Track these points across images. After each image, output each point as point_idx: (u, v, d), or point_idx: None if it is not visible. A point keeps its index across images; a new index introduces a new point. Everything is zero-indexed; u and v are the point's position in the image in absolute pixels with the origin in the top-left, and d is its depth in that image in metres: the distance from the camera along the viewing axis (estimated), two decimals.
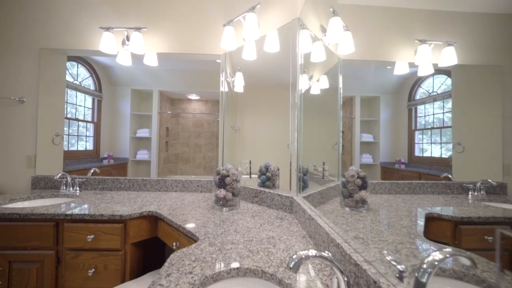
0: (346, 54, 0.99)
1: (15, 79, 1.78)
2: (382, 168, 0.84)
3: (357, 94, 0.99)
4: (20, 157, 1.76)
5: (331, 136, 1.18)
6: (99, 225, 1.20)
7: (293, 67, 1.29)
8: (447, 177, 0.59)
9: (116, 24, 1.77)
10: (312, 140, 1.30)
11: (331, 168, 1.22)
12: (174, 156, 1.98)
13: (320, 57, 1.25)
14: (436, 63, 0.58)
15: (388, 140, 0.80)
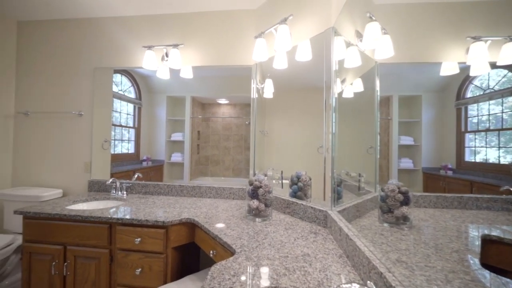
0: (384, 58, 0.94)
1: (75, 96, 2.05)
2: (424, 174, 0.77)
3: (395, 94, 0.92)
4: (79, 163, 2.03)
5: (365, 139, 1.13)
6: (145, 229, 1.32)
7: (327, 73, 1.26)
8: (508, 190, 0.52)
9: (156, 42, 1.93)
10: (345, 144, 1.25)
11: (365, 174, 1.17)
12: (204, 158, 2.06)
13: (355, 63, 1.21)
14: (493, 61, 0.52)
15: (431, 143, 0.73)
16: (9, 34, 2.09)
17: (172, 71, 1.95)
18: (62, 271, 1.40)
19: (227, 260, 0.88)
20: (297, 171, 1.48)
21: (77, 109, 2.04)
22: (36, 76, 2.11)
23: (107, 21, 2.03)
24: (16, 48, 2.14)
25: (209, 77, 1.97)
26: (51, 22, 2.10)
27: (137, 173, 2.13)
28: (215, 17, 1.89)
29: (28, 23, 2.14)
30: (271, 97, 1.75)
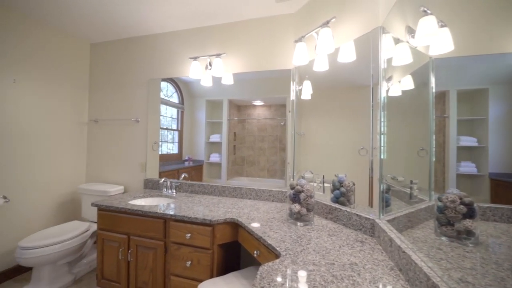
0: (441, 53, 0.87)
1: (133, 104, 2.35)
2: (492, 181, 0.68)
3: (452, 88, 0.83)
4: (136, 163, 2.31)
5: (415, 140, 1.04)
6: (194, 226, 1.45)
7: (375, 71, 1.20)
8: None
9: (201, 53, 2.08)
10: (390, 145, 1.17)
11: (417, 180, 1.08)
12: (240, 159, 2.13)
13: (405, 60, 1.13)
14: None
15: (501, 144, 0.64)
16: (84, 55, 2.50)
17: (213, 78, 2.08)
18: (126, 257, 1.62)
19: (273, 262, 0.92)
20: (339, 176, 1.45)
21: (134, 116, 2.33)
22: (103, 89, 2.47)
23: (160, 37, 2.27)
24: (89, 67, 2.54)
25: (246, 80, 2.04)
26: (115, 42, 2.45)
27: (183, 173, 2.32)
28: (255, 24, 1.96)
29: (97, 44, 2.53)
30: (308, 98, 1.74)
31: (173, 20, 2.03)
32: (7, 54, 1.88)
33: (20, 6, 1.87)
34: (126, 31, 2.26)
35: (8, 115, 1.89)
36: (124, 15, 1.98)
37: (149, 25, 2.14)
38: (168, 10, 1.88)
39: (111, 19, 2.04)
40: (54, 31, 2.20)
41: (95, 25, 2.15)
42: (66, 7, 1.88)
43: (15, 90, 1.93)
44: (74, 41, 2.39)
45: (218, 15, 1.94)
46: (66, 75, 2.31)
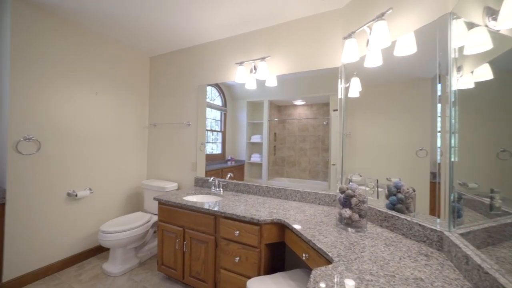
0: None
1: (184, 109, 2.58)
2: None
3: None
4: (188, 163, 2.53)
5: (494, 139, 0.87)
6: (242, 224, 1.52)
7: (442, 62, 1.06)
8: None
9: (246, 58, 2.16)
10: (461, 146, 1.01)
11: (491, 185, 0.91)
12: (281, 159, 2.12)
13: (482, 47, 0.97)
14: None
15: None
16: (145, 68, 2.86)
17: (257, 80, 2.13)
18: (182, 247, 1.80)
19: (326, 267, 0.90)
20: (395, 181, 1.33)
21: (186, 120, 2.56)
22: (161, 97, 2.79)
23: (207, 46, 2.44)
24: (149, 78, 2.90)
25: (287, 80, 2.03)
26: (169, 54, 2.73)
27: (226, 172, 2.44)
28: (299, 24, 1.94)
29: (155, 57, 2.86)
30: (356, 96, 1.64)
31: (219, 29, 2.17)
32: (91, 71, 2.28)
33: (99, 30, 2.25)
34: (179, 43, 2.50)
35: (91, 122, 2.30)
36: (176, 31, 2.19)
37: (198, 36, 2.32)
38: (215, 20, 2.01)
39: (166, 35, 2.29)
40: (123, 49, 2.58)
41: (154, 41, 2.45)
42: (132, 28, 2.18)
43: (96, 100, 2.34)
44: (138, 56, 2.75)
45: (262, 20, 1.99)
46: (131, 86, 2.68)
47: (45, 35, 1.95)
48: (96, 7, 1.86)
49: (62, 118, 2.07)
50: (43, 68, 1.94)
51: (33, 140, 1.89)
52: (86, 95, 2.24)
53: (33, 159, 1.89)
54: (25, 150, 1.85)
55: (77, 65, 2.17)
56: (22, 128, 1.83)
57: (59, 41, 2.04)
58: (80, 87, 2.20)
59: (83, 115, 2.22)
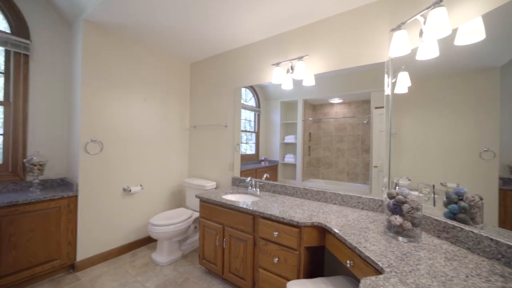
0: None
1: (222, 111, 2.69)
2: None
3: None
4: (225, 163, 2.63)
5: None
6: (281, 225, 1.52)
7: None
8: None
9: (283, 58, 2.15)
10: None
11: None
12: (316, 160, 2.04)
13: None
14: None
15: None
16: (186, 73, 3.06)
17: (293, 80, 2.10)
18: (222, 244, 1.87)
19: (377, 278, 0.84)
20: (457, 187, 1.17)
21: (224, 121, 2.67)
22: (200, 100, 2.95)
23: (244, 49, 2.50)
24: (190, 83, 3.10)
25: (322, 78, 1.95)
26: (208, 59, 2.88)
27: (260, 172, 2.47)
28: (340, 19, 1.85)
29: (195, 63, 3.04)
30: (404, 92, 1.49)
31: (256, 32, 2.20)
32: (141, 79, 2.54)
33: (147, 43, 2.49)
34: (217, 49, 2.62)
35: (141, 125, 2.55)
36: (215, 37, 2.30)
37: (235, 40, 2.40)
38: (253, 23, 2.04)
39: (206, 42, 2.41)
40: (167, 57, 2.81)
41: (194, 48, 2.61)
42: (175, 38, 2.36)
43: (145, 106, 2.59)
44: (180, 63, 2.97)
45: (300, 19, 1.95)
46: (174, 91, 2.90)
47: (106, 50, 2.24)
48: (147, 23, 2.07)
49: (119, 122, 2.35)
50: (104, 79, 2.23)
51: (97, 141, 2.18)
52: (137, 102, 2.51)
53: (97, 158, 2.19)
54: (92, 150, 2.15)
55: (130, 75, 2.44)
56: (89, 131, 2.14)
57: (117, 55, 2.32)
58: (133, 95, 2.46)
59: (135, 119, 2.49)
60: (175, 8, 1.86)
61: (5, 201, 1.69)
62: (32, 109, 2.12)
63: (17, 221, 1.75)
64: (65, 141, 2.32)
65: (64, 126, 2.32)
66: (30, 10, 2.10)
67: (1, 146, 2.02)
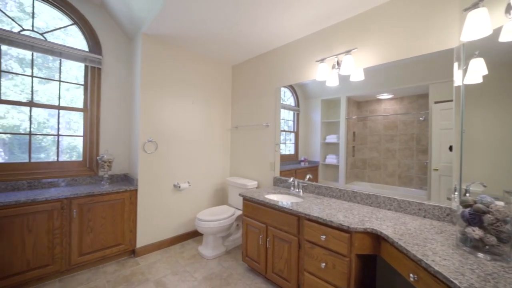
0: None
1: (263, 111, 2.71)
2: None
3: None
4: (266, 163, 2.64)
5: None
6: (329, 229, 1.44)
7: None
8: None
9: (328, 54, 2.05)
10: None
11: None
12: (361, 162, 1.89)
13: None
14: None
15: None
16: (228, 76, 3.18)
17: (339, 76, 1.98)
18: (265, 243, 1.88)
19: None
20: None
21: (264, 121, 2.68)
22: (241, 101, 3.03)
23: (285, 47, 2.47)
24: (231, 85, 3.22)
25: (369, 72, 1.80)
26: (249, 61, 2.93)
27: (301, 173, 2.39)
28: (396, 5, 1.67)
29: (236, 65, 3.14)
30: (477, 82, 1.26)
31: (299, 28, 2.14)
32: (189, 83, 2.73)
33: (194, 49, 2.67)
34: (258, 50, 2.65)
35: (188, 126, 2.75)
36: (257, 38, 2.32)
37: (277, 39, 2.39)
38: (296, 19, 2.00)
39: (247, 44, 2.46)
40: (211, 61, 2.96)
41: (236, 51, 2.69)
42: (219, 43, 2.47)
43: (192, 108, 2.78)
44: (222, 66, 3.10)
45: (347, 10, 1.83)
46: (217, 93, 3.04)
47: (160, 59, 2.48)
48: (196, 32, 2.21)
49: (170, 124, 2.58)
50: (158, 86, 2.47)
51: (153, 142, 2.43)
52: (185, 105, 2.70)
53: (153, 157, 2.44)
54: (148, 150, 2.40)
55: (179, 80, 2.64)
56: (147, 132, 2.39)
57: (168, 62, 2.55)
58: (181, 98, 2.67)
59: (183, 121, 2.69)
60: (225, 16, 1.95)
61: (85, 192, 2.01)
62: (103, 114, 2.48)
63: (93, 208, 2.06)
64: (127, 141, 2.65)
65: (126, 128, 2.65)
66: (101, 29, 2.47)
67: (81, 146, 2.41)
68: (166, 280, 1.96)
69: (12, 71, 2.05)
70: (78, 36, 2.38)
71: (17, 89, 2.07)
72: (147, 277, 2.01)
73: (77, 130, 2.39)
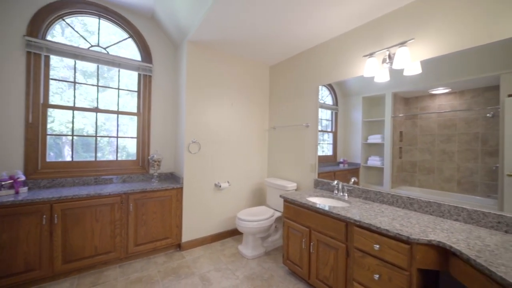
0: None
1: (303, 111, 2.64)
2: None
3: None
4: (306, 164, 2.57)
5: None
6: (384, 238, 1.32)
7: None
8: None
9: (378, 47, 1.90)
10: None
11: None
12: (409, 164, 1.71)
13: None
14: None
15: None
16: (265, 77, 3.19)
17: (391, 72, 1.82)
18: (309, 248, 1.82)
19: None
20: None
21: (304, 122, 2.61)
22: (279, 101, 3.01)
23: (327, 44, 2.37)
24: (269, 85, 3.22)
25: (422, 64, 1.62)
26: (287, 60, 2.89)
27: (340, 175, 2.26)
28: None
29: (274, 66, 3.12)
30: None
31: (345, 22, 2.03)
32: (228, 86, 2.81)
33: (233, 52, 2.74)
34: (297, 48, 2.59)
35: (227, 127, 2.83)
36: (297, 36, 2.27)
37: (316, 37, 2.30)
38: (342, 12, 1.90)
39: (286, 43, 2.42)
40: (249, 63, 3.00)
41: (274, 51, 2.68)
42: (257, 43, 2.48)
43: (231, 110, 2.85)
44: (260, 67, 3.12)
45: None
46: (255, 94, 3.07)
47: (202, 64, 2.60)
48: (237, 35, 2.26)
49: (211, 125, 2.68)
50: (200, 89, 2.60)
51: (196, 142, 2.56)
52: (224, 107, 2.79)
53: (196, 157, 2.57)
54: (192, 150, 2.54)
55: (219, 83, 2.74)
56: (191, 134, 2.53)
57: (210, 66, 2.66)
58: (222, 101, 2.76)
59: (223, 122, 2.78)
60: (270, 16, 1.94)
61: (140, 188, 2.22)
62: (152, 118, 2.71)
63: (146, 204, 2.26)
64: (172, 142, 2.85)
65: (171, 130, 2.85)
66: (152, 39, 2.70)
67: (130, 146, 2.67)
68: (210, 276, 2.04)
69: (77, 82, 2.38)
70: (129, 47, 2.63)
71: (81, 98, 2.39)
72: (192, 270, 2.12)
73: (126, 132, 2.65)
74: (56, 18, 2.20)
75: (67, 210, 1.89)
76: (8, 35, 1.98)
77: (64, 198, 1.87)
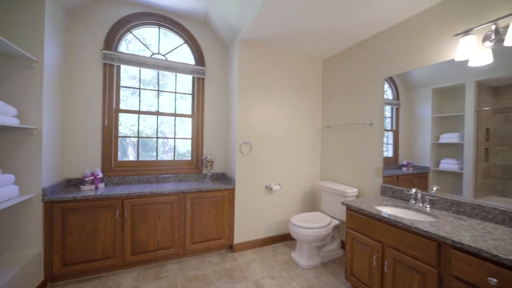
0: None
1: (365, 107, 2.33)
2: None
3: None
4: (370, 167, 2.26)
5: None
6: (506, 271, 0.99)
7: None
8: None
9: (474, 23, 1.50)
10: None
11: None
12: (499, 169, 1.40)
13: None
14: None
15: None
16: (318, 72, 2.95)
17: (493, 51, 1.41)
18: (381, 267, 1.55)
19: None
20: None
21: (367, 119, 2.30)
22: (334, 98, 2.74)
23: (397, 28, 2.02)
24: (321, 81, 2.97)
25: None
26: (343, 52, 2.61)
27: (407, 180, 1.93)
28: None
29: (327, 60, 2.87)
30: None
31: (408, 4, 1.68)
32: (279, 84, 2.68)
33: (284, 47, 2.60)
34: (354, 38, 2.30)
35: (279, 128, 2.70)
36: (354, 23, 1.99)
37: (380, 22, 1.99)
38: None
39: (341, 32, 2.16)
40: (300, 58, 2.82)
41: (327, 43, 2.44)
42: (309, 36, 2.28)
43: (283, 109, 2.72)
44: (312, 62, 2.90)
45: None
46: (306, 92, 2.87)
47: (253, 63, 2.54)
48: (288, 31, 2.12)
49: (263, 126, 2.60)
50: (252, 89, 2.54)
51: (248, 143, 2.51)
52: (275, 106, 2.68)
53: (248, 158, 2.52)
54: (244, 151, 2.50)
55: (270, 81, 2.64)
56: (243, 134, 2.49)
57: (261, 65, 2.58)
58: (272, 99, 2.65)
59: (274, 122, 2.67)
60: (323, 7, 1.76)
61: (195, 188, 2.28)
62: (206, 119, 2.78)
63: (201, 203, 2.31)
64: (223, 143, 2.88)
65: (223, 131, 2.88)
66: (204, 43, 2.77)
67: (189, 147, 2.78)
68: (264, 283, 1.95)
69: (142, 88, 2.57)
70: (182, 52, 2.73)
71: (141, 103, 2.58)
72: (246, 275, 2.06)
73: (177, 133, 2.76)
74: (125, 31, 2.43)
75: (135, 206, 2.05)
76: (89, 50, 2.27)
77: (132, 195, 2.03)
